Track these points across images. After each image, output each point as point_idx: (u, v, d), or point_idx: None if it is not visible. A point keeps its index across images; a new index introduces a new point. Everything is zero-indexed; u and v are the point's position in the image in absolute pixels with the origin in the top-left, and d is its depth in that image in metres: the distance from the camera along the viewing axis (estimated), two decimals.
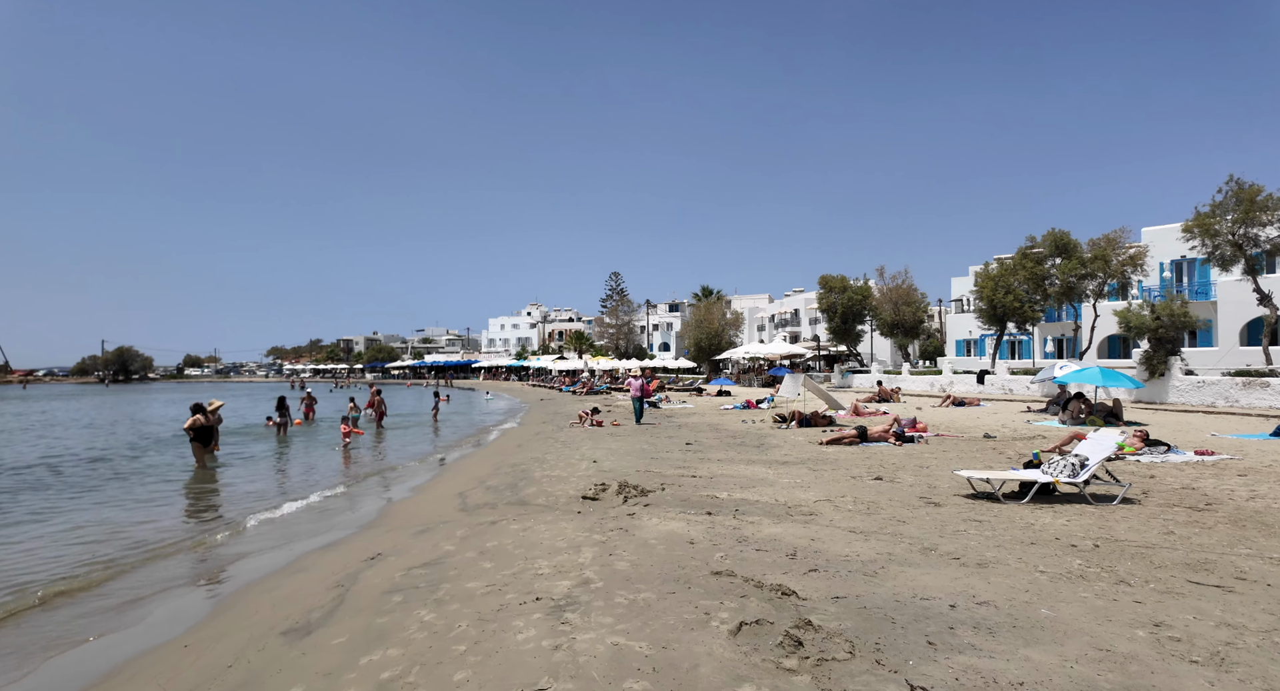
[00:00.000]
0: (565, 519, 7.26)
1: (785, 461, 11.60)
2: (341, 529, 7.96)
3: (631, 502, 8.03)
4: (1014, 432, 15.66)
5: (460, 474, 11.79)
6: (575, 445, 14.64)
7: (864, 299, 40.31)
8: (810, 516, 7.26)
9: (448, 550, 6.19)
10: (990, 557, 5.59)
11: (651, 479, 9.70)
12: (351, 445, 17.23)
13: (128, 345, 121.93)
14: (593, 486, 8.87)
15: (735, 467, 10.88)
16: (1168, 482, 9.03)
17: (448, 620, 4.35)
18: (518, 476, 10.58)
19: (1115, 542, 6.05)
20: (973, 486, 8.58)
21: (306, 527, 8.24)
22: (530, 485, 9.66)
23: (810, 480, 9.63)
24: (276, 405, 20.51)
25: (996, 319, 29.01)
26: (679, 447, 13.74)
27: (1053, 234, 25.72)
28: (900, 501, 8.01)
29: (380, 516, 8.57)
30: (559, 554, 5.76)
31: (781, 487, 9.02)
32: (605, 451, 13.20)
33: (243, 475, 12.89)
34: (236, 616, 5.02)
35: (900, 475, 10.01)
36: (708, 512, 7.34)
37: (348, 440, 17.47)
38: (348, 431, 17.74)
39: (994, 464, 11.07)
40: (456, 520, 7.71)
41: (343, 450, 16.70)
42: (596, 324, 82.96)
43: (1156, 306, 20.58)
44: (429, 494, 9.96)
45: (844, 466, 10.99)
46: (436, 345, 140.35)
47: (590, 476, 10.11)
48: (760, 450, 13.31)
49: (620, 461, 11.68)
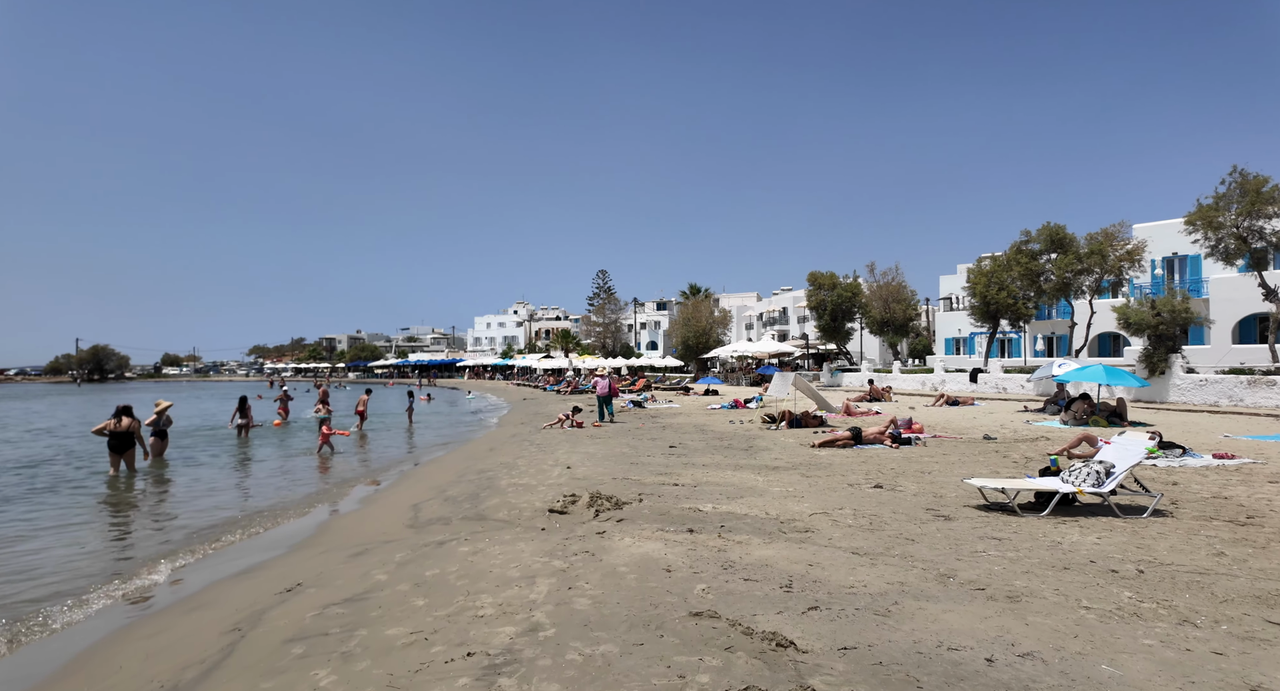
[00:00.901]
0: (525, 538, 6.32)
1: (776, 466, 10.72)
2: (268, 549, 6.96)
3: (604, 517, 7.09)
4: (1014, 434, 14.88)
5: (421, 481, 10.81)
6: (551, 448, 13.68)
7: (854, 296, 39.61)
8: (806, 533, 6.36)
9: (378, 580, 5.22)
10: (1021, 588, 4.71)
11: (629, 488, 8.77)
12: (328, 450, 16.05)
13: (103, 344, 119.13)
14: (562, 497, 7.93)
15: (722, 474, 9.98)
16: (1194, 490, 8.23)
17: (349, 687, 3.39)
18: (481, 485, 9.61)
19: (1162, 567, 5.19)
20: (984, 497, 7.72)
21: (229, 548, 7.22)
22: (493, 495, 8.69)
23: (804, 488, 8.75)
24: (237, 406, 19.37)
25: (989, 316, 28.35)
26: (662, 451, 12.83)
27: (1048, 228, 25.04)
28: (905, 514, 7.14)
29: (318, 533, 7.58)
30: (508, 586, 4.81)
31: (772, 497, 8.12)
32: (582, 456, 12.26)
33: (184, 483, 11.77)
34: (90, 677, 4.02)
35: (901, 482, 9.16)
36: (689, 529, 6.43)
37: (325, 443, 16.25)
38: (328, 434, 16.52)
39: (1000, 469, 10.25)
40: (401, 539, 6.75)
41: (318, 454, 15.63)
42: (583, 322, 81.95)
43: (1157, 302, 19.93)
44: (380, 505, 8.97)
45: (839, 472, 10.13)
46: (421, 344, 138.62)
47: (561, 485, 9.16)
48: (749, 453, 12.43)
49: (597, 467, 10.74)
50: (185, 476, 12.42)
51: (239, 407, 19.23)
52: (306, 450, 16.74)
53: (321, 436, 16.35)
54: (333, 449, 16.32)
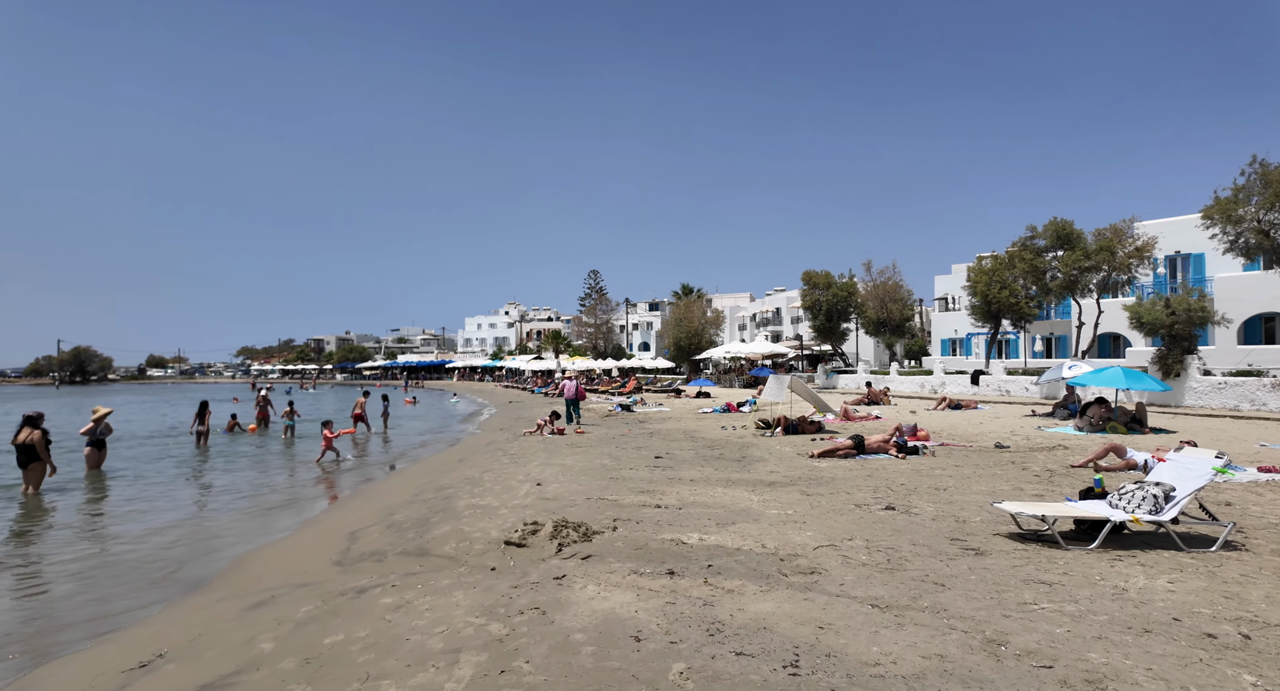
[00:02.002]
0: (467, 583, 5.13)
1: (773, 482, 9.56)
2: (148, 595, 5.71)
3: (568, 552, 5.92)
4: (1027, 441, 13.79)
5: (372, 500, 9.59)
6: (525, 460, 12.48)
7: (849, 295, 38.55)
8: (812, 576, 5.20)
9: (260, 652, 4.02)
10: (1100, 665, 3.56)
11: (603, 511, 7.60)
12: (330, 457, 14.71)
13: (85, 345, 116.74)
14: (522, 526, 6.74)
15: (712, 491, 8.81)
16: (1255, 513, 7.13)
17: None
18: (436, 507, 8.40)
19: (1271, 630, 4.06)
20: (1017, 523, 6.59)
21: (107, 591, 5.94)
22: (446, 521, 7.49)
23: (805, 510, 7.59)
24: (197, 411, 18.05)
25: (991, 316, 27.30)
26: (646, 463, 11.65)
27: (1055, 223, 23.99)
28: (928, 546, 6.00)
29: (228, 570, 6.36)
30: (423, 667, 3.63)
31: (770, 523, 6.96)
32: (557, 469, 11.06)
33: (92, 505, 10.29)
34: None
35: (915, 501, 8.02)
36: (669, 571, 5.26)
37: (329, 448, 14.77)
38: (331, 437, 14.85)
39: (1022, 484, 9.13)
40: (319, 582, 5.55)
41: (319, 463, 14.30)
42: (575, 323, 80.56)
43: (1171, 300, 18.90)
44: (315, 532, 7.75)
45: (843, 488, 8.99)
46: (411, 345, 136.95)
47: (527, 507, 7.97)
48: (742, 465, 11.27)
49: (571, 484, 9.55)
50: (109, 495, 11.07)
51: (198, 413, 17.94)
52: (256, 458, 15.47)
53: (324, 441, 14.86)
54: (338, 454, 15.02)
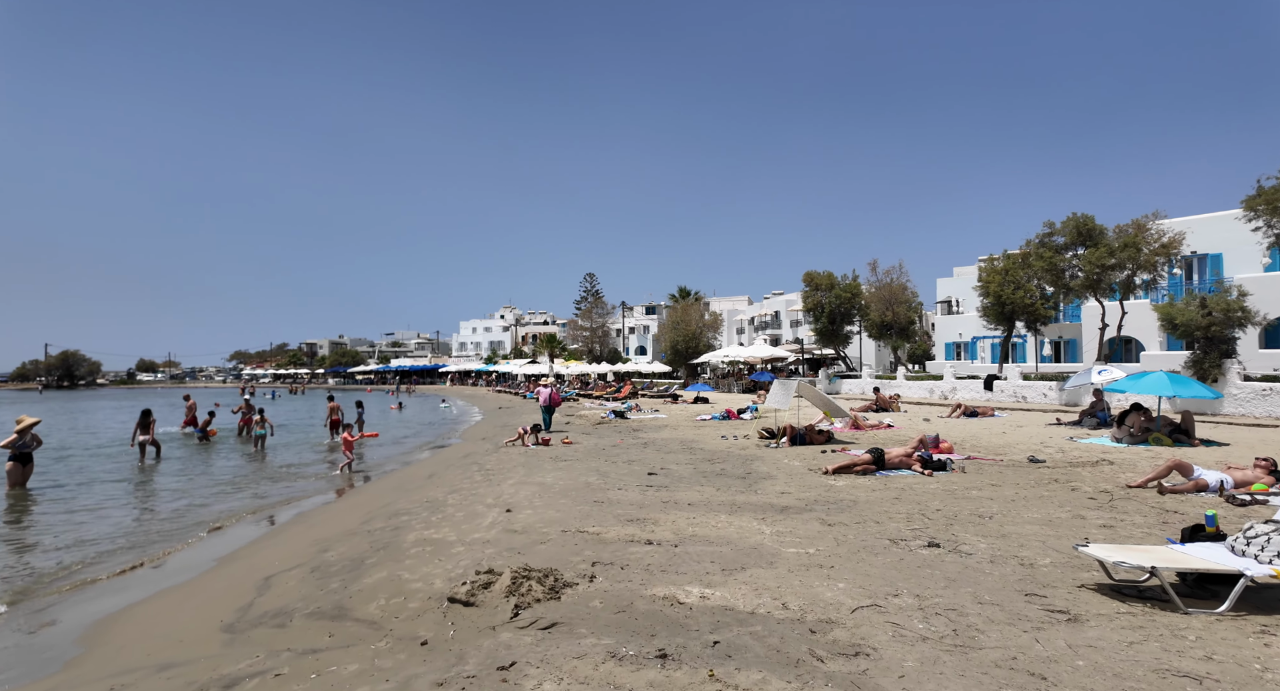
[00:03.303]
0: (376, 673, 3.67)
1: (785, 506, 8.11)
2: None
3: (526, 617, 4.47)
4: (1063, 455, 12.37)
5: (312, 528, 8.11)
6: (500, 477, 11.00)
7: (853, 297, 37.13)
8: (857, 661, 3.75)
9: None
10: None
11: (581, 550, 6.14)
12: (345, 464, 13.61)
13: (74, 349, 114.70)
14: (475, 574, 5.27)
15: (714, 519, 7.36)
16: None
17: None
18: (380, 541, 6.92)
19: None
20: (1108, 573, 5.15)
21: None
22: (385, 563, 6.01)
23: (830, 547, 6.14)
24: (139, 419, 16.38)
25: (1004, 317, 25.89)
26: (638, 481, 10.20)
27: (1075, 219, 22.55)
28: (998, 604, 4.57)
29: (80, 639, 4.87)
30: None
31: (788, 567, 5.51)
32: (534, 489, 9.59)
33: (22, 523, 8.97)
34: None
35: (961, 534, 6.59)
36: (660, 654, 3.81)
37: (350, 454, 13.65)
38: (352, 441, 13.61)
39: (1079, 508, 7.70)
40: (188, 662, 4.09)
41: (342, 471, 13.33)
42: (570, 327, 79.10)
43: (1208, 299, 17.52)
44: (218, 578, 6.26)
45: (870, 514, 7.55)
46: (405, 349, 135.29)
47: (489, 542, 6.51)
48: (748, 483, 9.83)
49: (547, 510, 8.08)
50: (21, 519, 9.61)
51: (140, 422, 16.27)
52: (203, 473, 13.95)
53: (345, 445, 13.70)
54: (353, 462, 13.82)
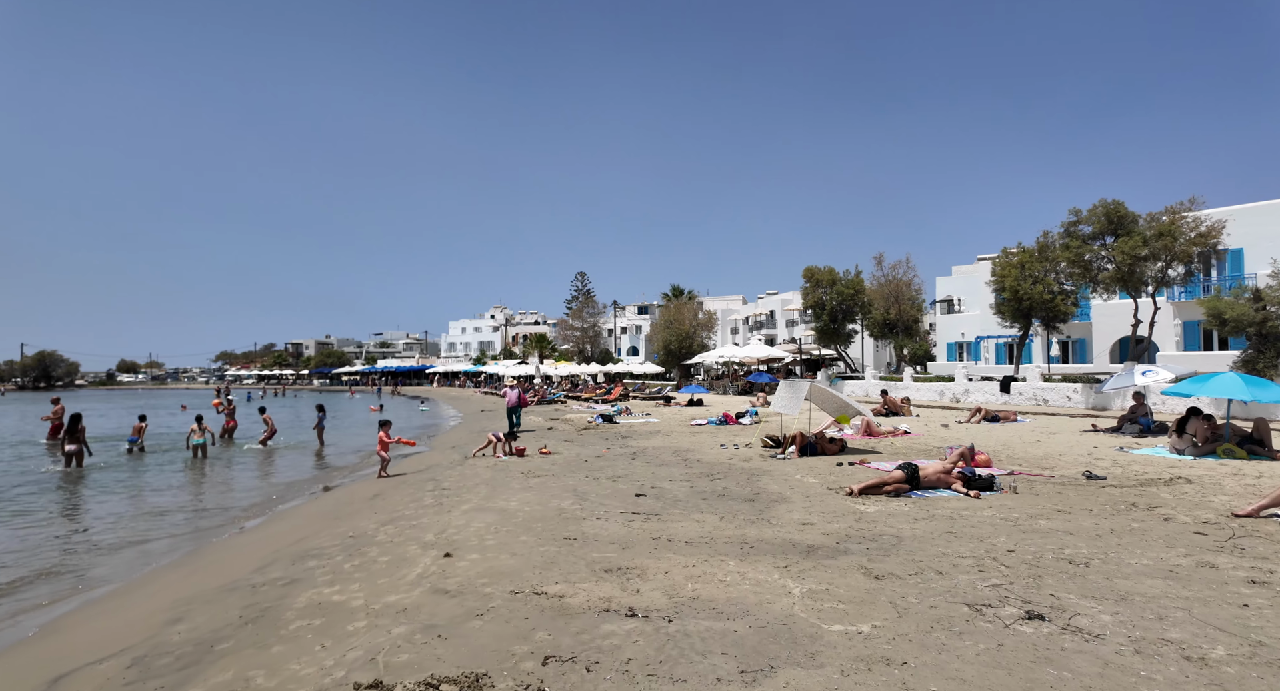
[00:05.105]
0: None
1: (811, 545, 6.23)
2: None
3: None
4: (1121, 468, 10.57)
5: (180, 580, 6.16)
6: (455, 500, 9.06)
7: (855, 294, 35.34)
8: None
9: None
10: None
11: (532, 630, 4.23)
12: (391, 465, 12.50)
13: (51, 349, 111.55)
14: (364, 681, 3.36)
15: (721, 570, 5.46)
16: None
17: None
18: (261, 604, 4.98)
19: None
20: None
21: None
22: (236, 655, 4.07)
23: (891, 625, 4.25)
24: (66, 427, 14.49)
25: (1021, 315, 24.14)
26: (623, 504, 8.30)
27: (1104, 205, 20.73)
28: None
29: None
30: None
31: (840, 667, 3.62)
32: (492, 519, 7.67)
33: None
34: None
35: (1065, 596, 4.71)
36: None
37: (386, 454, 12.20)
38: (388, 443, 12.06)
39: (1194, 548, 5.87)
40: None
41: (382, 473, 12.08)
42: (561, 327, 77.09)
43: (1263, 293, 15.83)
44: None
45: (925, 560, 5.68)
46: (393, 349, 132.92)
47: (404, 611, 4.59)
48: (757, 508, 7.95)
49: (500, 553, 6.15)
50: None
51: (68, 427, 14.37)
52: (127, 485, 11.98)
53: (381, 445, 12.12)
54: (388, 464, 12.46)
